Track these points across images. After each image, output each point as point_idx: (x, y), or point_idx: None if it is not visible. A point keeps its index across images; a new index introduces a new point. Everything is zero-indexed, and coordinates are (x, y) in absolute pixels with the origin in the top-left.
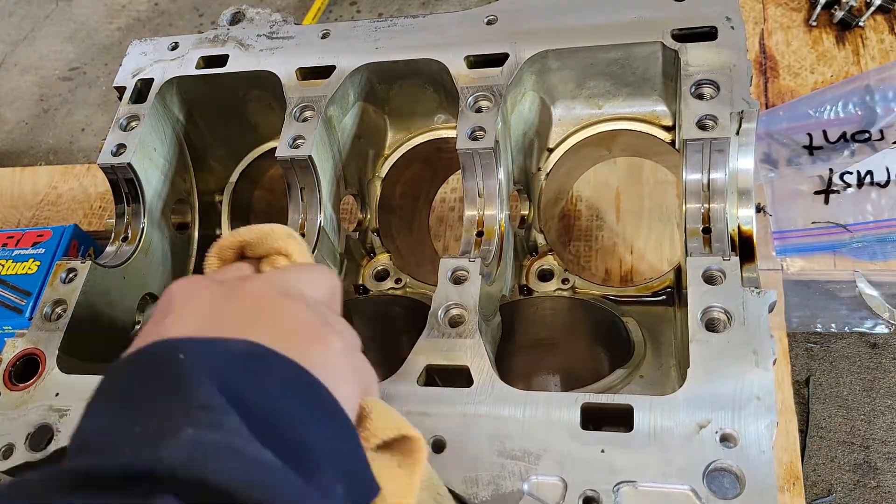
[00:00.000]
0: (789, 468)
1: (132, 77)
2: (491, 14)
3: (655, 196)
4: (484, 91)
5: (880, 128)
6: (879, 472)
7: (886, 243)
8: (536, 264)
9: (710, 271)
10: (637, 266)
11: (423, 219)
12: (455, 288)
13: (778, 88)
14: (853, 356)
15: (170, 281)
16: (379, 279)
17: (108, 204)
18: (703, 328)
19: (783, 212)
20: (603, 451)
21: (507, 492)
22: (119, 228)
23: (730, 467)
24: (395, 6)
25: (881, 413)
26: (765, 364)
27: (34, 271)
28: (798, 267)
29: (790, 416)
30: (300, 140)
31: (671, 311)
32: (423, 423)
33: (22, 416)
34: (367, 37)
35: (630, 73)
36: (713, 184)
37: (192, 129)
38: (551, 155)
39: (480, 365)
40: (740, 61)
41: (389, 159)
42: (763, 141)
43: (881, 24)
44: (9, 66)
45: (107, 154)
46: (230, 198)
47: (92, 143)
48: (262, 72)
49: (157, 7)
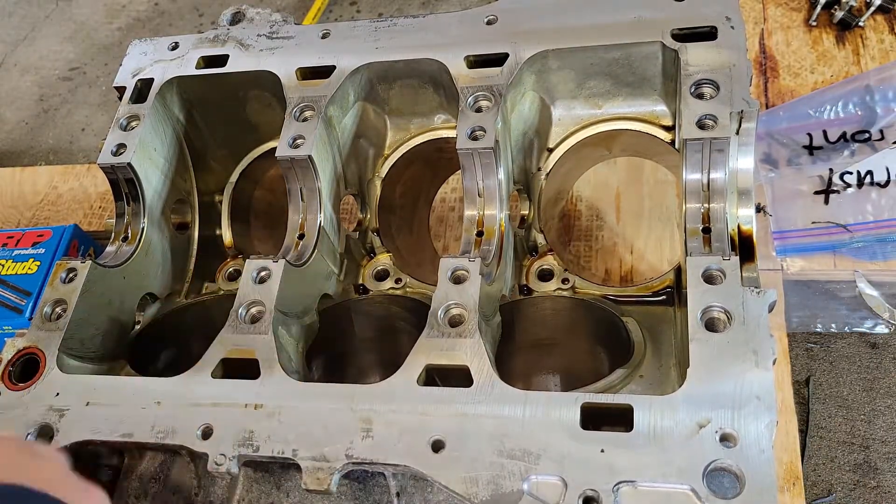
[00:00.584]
0: (789, 468)
1: (132, 77)
2: (491, 14)
3: (655, 196)
4: (484, 91)
5: (880, 128)
6: (879, 472)
7: (886, 243)
8: (536, 264)
9: (710, 271)
10: (637, 266)
11: (423, 219)
12: (455, 288)
13: (778, 88)
14: (853, 356)
15: (170, 280)
16: (379, 279)
17: (108, 204)
18: (703, 328)
19: (783, 212)
20: (603, 451)
21: (507, 491)
22: (119, 228)
23: (730, 467)
24: (395, 6)
25: (881, 413)
26: (765, 364)
27: (34, 271)
28: (798, 267)
29: (790, 416)
30: (300, 140)
31: (671, 311)
32: (423, 423)
33: (22, 416)
34: (367, 37)
35: (630, 73)
36: (713, 184)
37: (192, 129)
38: (551, 155)
39: (480, 365)
40: (740, 61)
41: (389, 159)
42: (763, 141)
43: (881, 24)
44: (9, 66)
45: (107, 154)
46: (230, 198)
47: (92, 143)
48: (262, 72)
49: (157, 7)
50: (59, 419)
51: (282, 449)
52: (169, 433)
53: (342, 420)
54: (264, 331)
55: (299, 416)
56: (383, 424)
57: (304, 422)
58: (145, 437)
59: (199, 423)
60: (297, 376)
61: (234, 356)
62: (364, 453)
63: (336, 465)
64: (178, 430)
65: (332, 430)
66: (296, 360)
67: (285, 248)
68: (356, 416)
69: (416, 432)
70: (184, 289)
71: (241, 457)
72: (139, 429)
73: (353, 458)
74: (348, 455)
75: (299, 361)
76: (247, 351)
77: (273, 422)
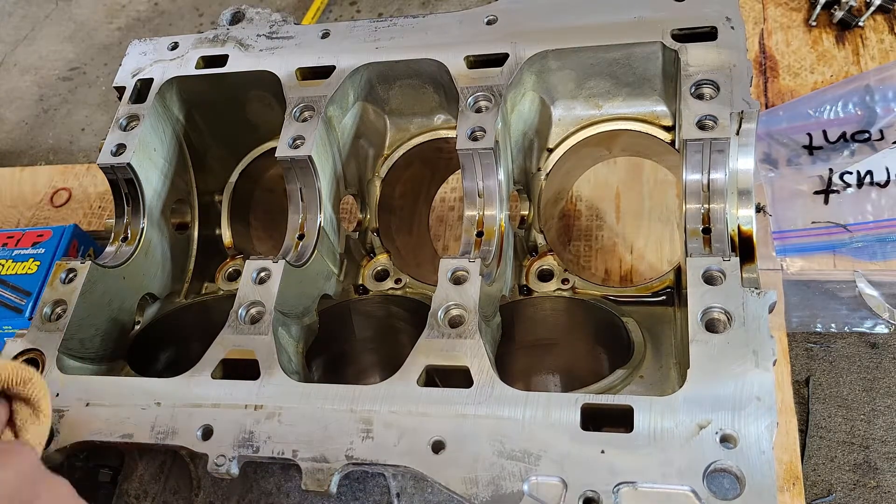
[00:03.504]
0: (789, 468)
1: (132, 77)
2: (491, 14)
3: (655, 196)
4: (484, 91)
5: (880, 128)
6: (879, 472)
7: (886, 243)
8: (536, 264)
9: (710, 272)
10: (637, 266)
11: (423, 219)
12: (455, 288)
13: (778, 88)
14: (853, 356)
15: (170, 281)
16: (379, 279)
17: (108, 204)
18: (703, 328)
19: (783, 212)
20: (603, 452)
21: (507, 492)
22: (119, 228)
23: (730, 468)
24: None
25: (881, 413)
26: (765, 364)
27: (34, 271)
28: (798, 267)
29: (790, 416)
30: (300, 140)
31: (671, 312)
32: (423, 424)
33: None
34: (367, 37)
35: (630, 73)
36: (713, 184)
37: (192, 129)
38: (551, 155)
39: (480, 365)
40: (740, 61)
41: (389, 159)
42: (763, 141)
43: (881, 24)
44: (9, 66)
45: (107, 154)
46: (230, 197)
47: (92, 143)
48: (262, 72)
49: (157, 7)
50: (59, 420)
51: (282, 450)
52: (169, 434)
53: (342, 421)
54: (264, 331)
55: (299, 417)
56: (383, 425)
57: (304, 422)
58: (145, 437)
59: (199, 424)
60: (297, 377)
61: (234, 357)
62: (364, 454)
63: (336, 465)
64: (178, 431)
65: (332, 431)
66: (296, 361)
67: (285, 248)
68: (356, 416)
69: (416, 433)
70: (183, 289)
71: (241, 457)
72: (139, 429)
73: (353, 459)
74: (348, 456)
75: (299, 362)
76: (247, 351)
77: (273, 422)
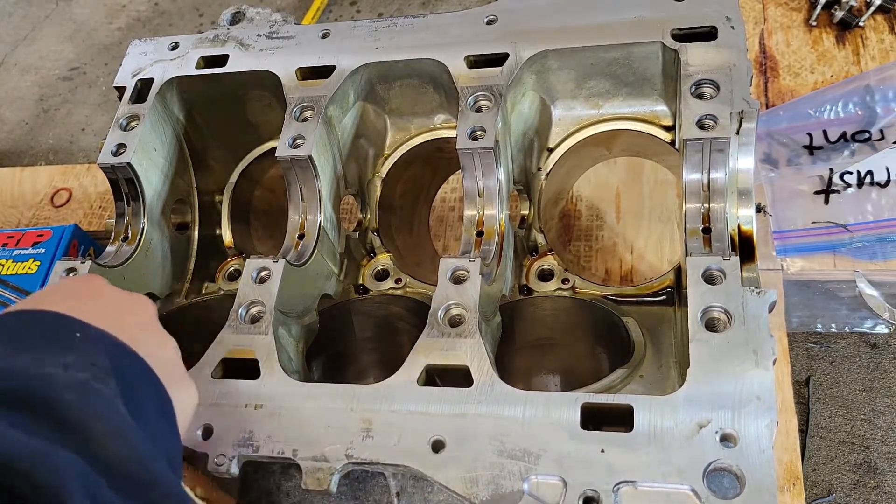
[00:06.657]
0: (789, 468)
1: (132, 77)
2: (491, 14)
3: (655, 196)
4: (484, 91)
5: (880, 128)
6: (879, 472)
7: (886, 243)
8: (536, 264)
9: (710, 271)
10: (637, 266)
11: (423, 219)
12: (455, 288)
13: (778, 88)
14: (853, 356)
15: (170, 280)
16: (379, 279)
17: (108, 204)
18: (703, 328)
19: (783, 212)
20: (603, 451)
21: (507, 492)
22: (119, 228)
23: (730, 467)
24: (395, 6)
25: (881, 413)
26: (765, 364)
27: (34, 271)
28: (798, 267)
29: (790, 416)
30: (300, 140)
31: (671, 311)
32: (423, 423)
33: None
34: (367, 37)
35: (630, 73)
36: (713, 184)
37: (192, 129)
38: (551, 155)
39: (480, 365)
40: (740, 61)
41: (389, 159)
42: (763, 141)
43: (881, 23)
44: (9, 66)
45: (107, 154)
46: (230, 197)
47: (92, 143)
48: (262, 72)
49: (157, 7)
50: None
51: (282, 449)
52: None
53: (342, 420)
54: (264, 331)
55: (299, 417)
56: (383, 424)
57: (304, 422)
58: None
59: (199, 423)
60: (298, 376)
61: (234, 356)
62: (364, 453)
63: (336, 465)
64: None
65: (332, 431)
66: (296, 360)
67: (285, 248)
68: (356, 416)
69: (416, 432)
70: (184, 289)
71: (241, 457)
72: None
73: (353, 459)
74: (348, 455)
75: (299, 361)
76: (247, 351)
77: (273, 422)
